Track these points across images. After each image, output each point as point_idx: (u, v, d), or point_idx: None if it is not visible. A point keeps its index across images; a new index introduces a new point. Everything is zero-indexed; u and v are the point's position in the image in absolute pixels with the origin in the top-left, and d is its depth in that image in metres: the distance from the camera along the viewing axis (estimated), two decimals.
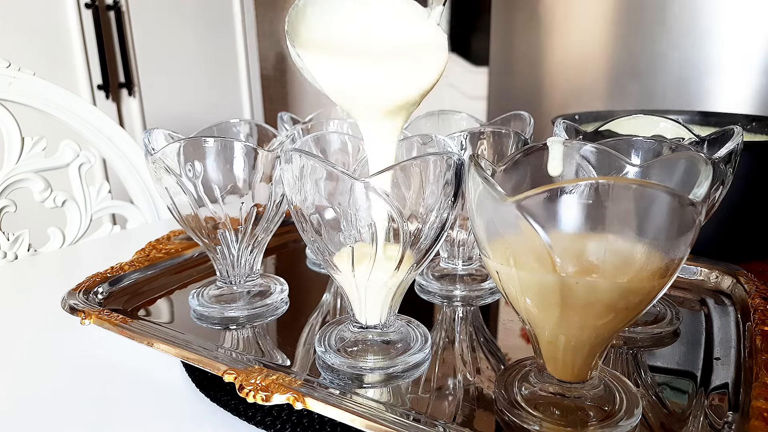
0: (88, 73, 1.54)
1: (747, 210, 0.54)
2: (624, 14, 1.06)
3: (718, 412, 0.31)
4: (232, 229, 0.42)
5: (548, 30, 1.19)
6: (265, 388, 0.30)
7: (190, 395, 0.35)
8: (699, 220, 0.25)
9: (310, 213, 0.33)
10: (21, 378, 0.38)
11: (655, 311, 0.42)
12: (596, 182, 0.24)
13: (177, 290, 0.49)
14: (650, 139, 0.36)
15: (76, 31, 1.49)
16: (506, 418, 0.30)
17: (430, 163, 0.31)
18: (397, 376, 0.34)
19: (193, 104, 1.86)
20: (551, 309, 0.27)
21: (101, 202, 0.80)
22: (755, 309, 0.40)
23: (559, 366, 0.30)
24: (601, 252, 0.25)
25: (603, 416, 0.29)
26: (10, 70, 0.73)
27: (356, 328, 0.37)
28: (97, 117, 0.79)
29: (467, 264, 0.49)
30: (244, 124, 0.50)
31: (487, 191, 0.26)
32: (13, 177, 0.73)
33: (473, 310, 0.44)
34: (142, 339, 0.37)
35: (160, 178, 0.40)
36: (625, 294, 0.26)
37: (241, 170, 0.41)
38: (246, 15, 1.99)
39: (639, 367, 0.36)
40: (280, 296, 0.45)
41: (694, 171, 0.28)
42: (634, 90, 1.07)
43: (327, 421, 0.31)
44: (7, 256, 0.71)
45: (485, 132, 0.44)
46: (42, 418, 0.33)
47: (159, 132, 0.43)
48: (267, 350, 0.39)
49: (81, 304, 0.42)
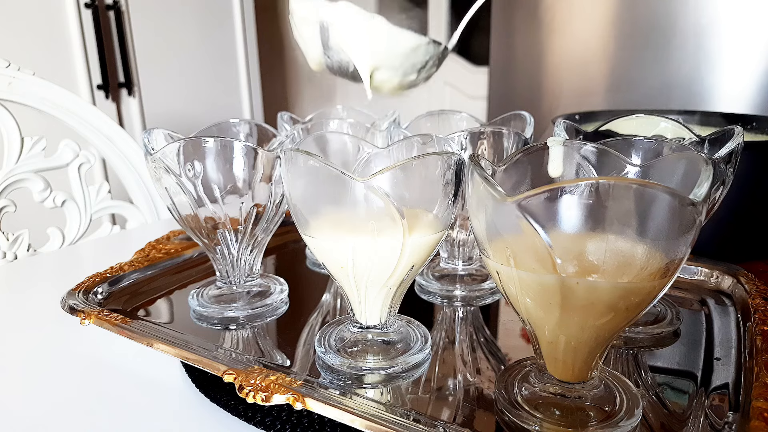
0: (88, 72, 1.54)
1: (747, 210, 0.54)
2: (624, 14, 1.06)
3: (719, 413, 0.31)
4: (231, 229, 0.42)
5: (548, 30, 1.19)
6: (265, 388, 0.30)
7: (189, 395, 0.35)
8: (699, 220, 0.25)
9: (310, 213, 0.33)
10: (20, 378, 0.38)
11: (655, 311, 0.41)
12: (596, 182, 0.24)
13: (177, 290, 0.49)
14: (650, 139, 0.36)
15: (75, 31, 1.49)
16: (506, 418, 0.30)
17: (430, 163, 0.31)
18: (397, 377, 0.34)
19: (193, 104, 1.86)
20: (551, 309, 0.27)
21: (101, 202, 0.80)
22: (755, 309, 0.40)
23: (560, 366, 0.30)
24: (602, 252, 0.25)
25: (603, 416, 0.29)
26: (9, 70, 0.73)
27: (356, 329, 0.37)
28: (96, 117, 0.79)
29: (467, 264, 0.49)
30: (244, 124, 0.50)
31: (487, 191, 0.26)
32: (12, 177, 0.73)
33: (473, 311, 0.44)
34: (142, 339, 0.37)
35: (160, 178, 0.40)
36: (625, 294, 0.26)
37: (241, 170, 0.41)
38: (246, 15, 1.99)
39: (639, 367, 0.36)
40: (280, 296, 0.45)
41: (695, 171, 0.28)
42: (634, 90, 1.07)
43: (327, 422, 0.30)
44: (7, 256, 0.71)
45: (485, 132, 0.44)
46: (42, 418, 0.33)
47: (159, 132, 0.43)
48: (267, 350, 0.39)
49: (81, 304, 0.42)
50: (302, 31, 0.35)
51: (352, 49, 0.34)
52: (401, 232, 0.32)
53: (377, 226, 0.31)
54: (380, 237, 0.32)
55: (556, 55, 1.18)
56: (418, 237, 0.33)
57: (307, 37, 0.36)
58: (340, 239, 0.33)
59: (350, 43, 0.34)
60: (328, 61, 0.37)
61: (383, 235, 0.32)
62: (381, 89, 0.38)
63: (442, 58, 0.37)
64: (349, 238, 0.32)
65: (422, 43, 0.35)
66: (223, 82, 1.97)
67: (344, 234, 0.32)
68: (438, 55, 0.37)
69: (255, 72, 2.08)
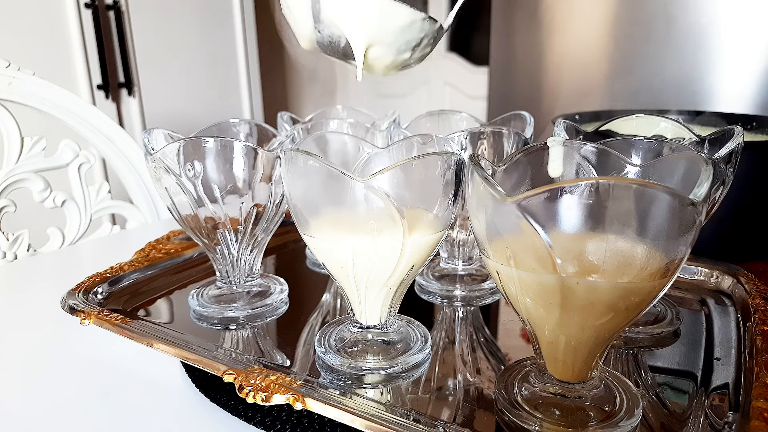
0: (88, 72, 1.54)
1: (747, 210, 0.54)
2: (624, 14, 1.06)
3: (719, 413, 0.31)
4: (231, 229, 0.42)
5: (548, 30, 1.19)
6: (265, 388, 0.30)
7: (189, 395, 0.35)
8: (699, 220, 0.25)
9: (310, 213, 0.33)
10: (20, 378, 0.38)
11: (655, 311, 0.41)
12: (596, 182, 0.24)
13: (177, 290, 0.49)
14: (650, 139, 0.36)
15: (75, 31, 1.49)
16: (506, 418, 0.30)
17: (430, 163, 0.31)
18: (397, 377, 0.34)
19: (193, 104, 1.86)
20: (551, 309, 0.27)
21: (101, 202, 0.80)
22: (755, 309, 0.40)
23: (560, 366, 0.30)
24: (602, 252, 0.25)
25: (603, 416, 0.29)
26: (9, 70, 0.73)
27: (356, 329, 0.37)
28: (96, 117, 0.79)
29: (467, 264, 0.49)
30: (244, 124, 0.50)
31: (487, 191, 0.26)
32: (12, 177, 0.73)
33: (473, 311, 0.44)
34: (142, 339, 0.37)
35: (160, 178, 0.40)
36: (625, 294, 0.26)
37: (241, 170, 0.41)
38: (246, 15, 1.99)
39: (639, 367, 0.36)
40: (280, 296, 0.45)
41: (695, 171, 0.28)
42: (634, 90, 1.07)
43: (327, 422, 0.30)
44: (7, 256, 0.71)
45: (485, 132, 0.44)
46: (42, 418, 0.33)
47: (159, 132, 0.43)
48: (267, 350, 0.39)
49: (81, 304, 0.42)
50: (292, 4, 0.34)
51: (344, 22, 0.33)
52: (401, 232, 0.32)
53: (377, 226, 0.31)
54: (380, 237, 0.32)
55: (556, 55, 1.18)
56: (418, 237, 0.33)
57: (296, 9, 0.35)
58: (340, 239, 0.33)
59: (343, 15, 0.34)
60: (319, 36, 0.36)
61: (383, 235, 0.32)
62: (373, 68, 0.37)
63: (437, 38, 0.37)
64: (349, 238, 0.32)
65: (417, 19, 0.34)
66: (223, 82, 1.97)
67: (344, 234, 0.32)
68: (433, 33, 0.36)
69: (255, 72, 2.08)
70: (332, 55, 0.37)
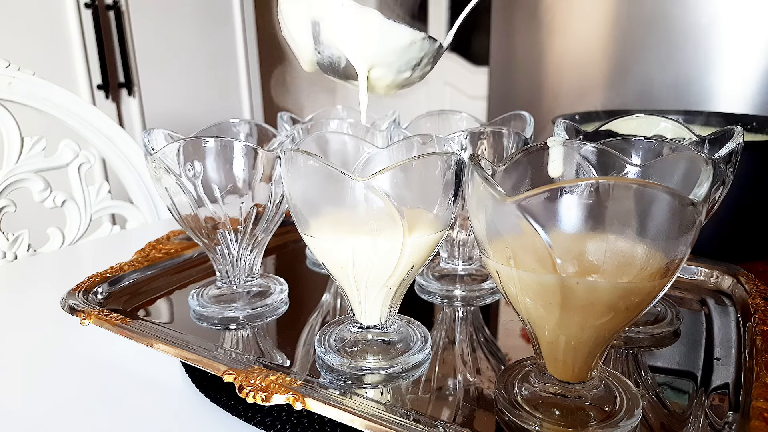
0: (88, 72, 1.54)
1: (747, 210, 0.54)
2: (624, 14, 1.06)
3: (719, 413, 0.31)
4: (231, 229, 0.42)
5: (548, 30, 1.19)
6: (265, 388, 0.30)
7: (189, 395, 0.35)
8: (699, 220, 0.25)
9: (310, 213, 0.33)
10: (20, 378, 0.38)
11: (655, 311, 0.41)
12: (596, 182, 0.24)
13: (177, 290, 0.49)
14: (650, 139, 0.36)
15: (75, 31, 1.49)
16: (506, 418, 0.30)
17: (430, 163, 0.31)
18: (397, 377, 0.34)
19: (193, 104, 1.86)
20: (551, 309, 0.27)
21: (101, 202, 0.80)
22: (755, 309, 0.40)
23: (560, 366, 0.30)
24: (602, 252, 0.25)
25: (603, 416, 0.29)
26: (9, 70, 0.73)
27: (356, 329, 0.37)
28: (96, 117, 0.79)
29: (467, 264, 0.49)
30: (244, 124, 0.50)
31: (487, 191, 0.26)
32: (12, 177, 0.73)
33: (473, 311, 0.44)
34: (142, 339, 0.37)
35: (160, 178, 0.40)
36: (625, 294, 0.26)
37: (241, 170, 0.41)
38: (246, 15, 1.99)
39: (639, 367, 0.36)
40: (280, 296, 0.45)
41: (695, 171, 0.28)
42: (634, 90, 1.07)
43: (327, 422, 0.30)
44: (7, 256, 0.71)
45: (485, 132, 0.44)
46: (42, 418, 0.33)
47: (159, 132, 0.43)
48: (267, 350, 0.39)
49: (81, 304, 0.42)
50: (291, 28, 0.34)
51: (345, 44, 0.34)
52: (401, 232, 0.32)
53: (377, 226, 0.31)
54: (380, 237, 0.32)
55: (556, 55, 1.18)
56: (418, 237, 0.33)
57: (296, 34, 0.35)
58: (340, 239, 0.33)
59: (344, 37, 0.34)
60: (319, 57, 0.36)
61: (383, 235, 0.32)
62: (374, 88, 0.37)
63: (437, 56, 0.37)
64: (349, 238, 0.32)
65: (417, 39, 0.35)
66: (223, 82, 1.97)
67: (344, 234, 0.32)
68: (433, 52, 0.36)
69: (255, 72, 2.08)
70: (333, 76, 0.38)
